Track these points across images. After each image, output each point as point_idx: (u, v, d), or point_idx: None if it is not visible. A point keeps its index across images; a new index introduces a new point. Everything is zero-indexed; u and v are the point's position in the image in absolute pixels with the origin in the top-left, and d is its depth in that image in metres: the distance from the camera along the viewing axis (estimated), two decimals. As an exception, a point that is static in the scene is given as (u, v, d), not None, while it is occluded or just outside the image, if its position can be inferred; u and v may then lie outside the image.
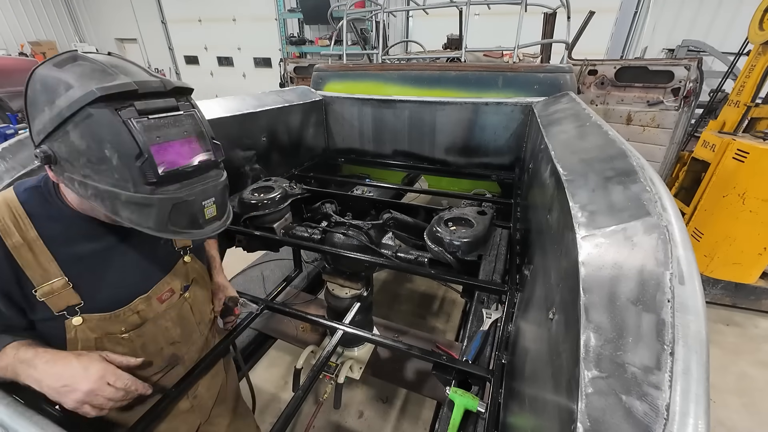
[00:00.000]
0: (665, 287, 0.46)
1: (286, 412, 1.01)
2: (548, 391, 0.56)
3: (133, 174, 0.64)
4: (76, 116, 0.61)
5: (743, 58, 3.24)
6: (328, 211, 1.93)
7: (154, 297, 0.89)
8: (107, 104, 0.62)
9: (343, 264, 1.65)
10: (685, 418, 0.36)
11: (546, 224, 0.95)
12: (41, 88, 0.64)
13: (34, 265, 0.72)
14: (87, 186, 0.65)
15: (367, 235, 1.59)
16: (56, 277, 0.74)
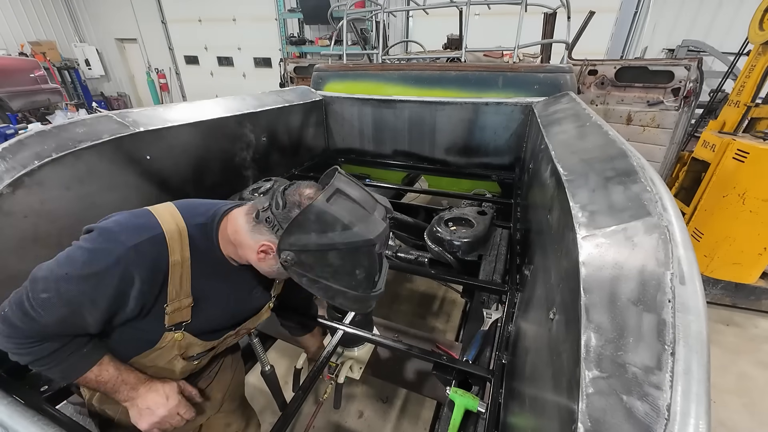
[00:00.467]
0: (666, 287, 0.46)
1: (285, 411, 1.01)
2: (549, 392, 0.56)
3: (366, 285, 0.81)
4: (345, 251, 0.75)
5: (743, 58, 3.24)
6: None
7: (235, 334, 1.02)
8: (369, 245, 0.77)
9: None
10: (686, 419, 0.36)
11: (546, 224, 0.95)
12: (315, 218, 0.74)
13: (176, 282, 0.81)
14: (317, 282, 0.78)
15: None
16: (187, 297, 0.84)
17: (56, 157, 1.10)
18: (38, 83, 6.75)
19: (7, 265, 1.02)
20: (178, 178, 1.58)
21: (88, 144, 1.19)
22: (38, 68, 6.87)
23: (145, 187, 1.41)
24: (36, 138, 1.11)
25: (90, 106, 9.19)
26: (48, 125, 1.17)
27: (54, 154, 1.10)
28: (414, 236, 1.96)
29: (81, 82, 9.86)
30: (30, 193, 1.05)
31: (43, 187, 1.08)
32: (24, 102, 6.52)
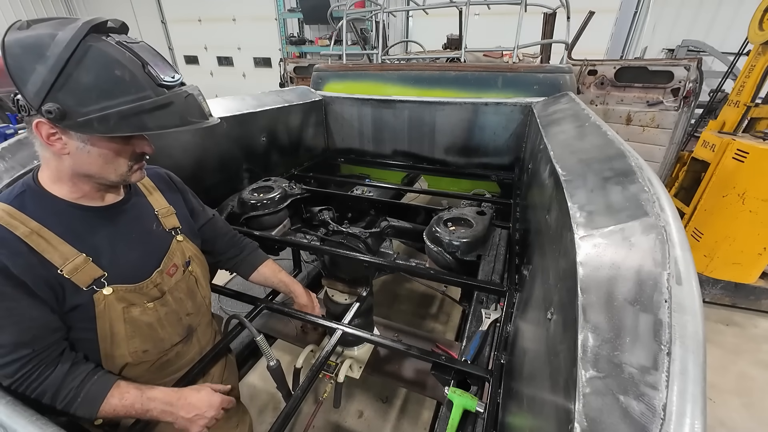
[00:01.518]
0: (663, 287, 0.47)
1: (285, 411, 1.01)
2: (546, 391, 0.56)
3: (146, 83, 0.72)
4: (76, 54, 0.66)
5: (743, 58, 3.24)
6: (326, 218, 1.94)
7: (164, 271, 0.97)
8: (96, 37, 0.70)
9: (341, 271, 1.65)
10: (681, 418, 0.36)
11: (545, 224, 0.95)
12: (22, 50, 0.66)
13: (49, 248, 0.76)
14: (108, 117, 0.69)
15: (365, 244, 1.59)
16: (74, 255, 0.79)
17: (56, 157, 1.10)
18: (38, 83, 6.75)
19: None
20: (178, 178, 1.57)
21: (87, 144, 1.19)
22: (38, 68, 6.87)
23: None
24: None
25: (90, 106, 9.18)
26: (47, 125, 1.17)
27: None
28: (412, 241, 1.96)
29: (81, 82, 9.86)
30: (29, 193, 1.05)
31: (42, 187, 1.08)
32: (24, 102, 6.52)
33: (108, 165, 0.79)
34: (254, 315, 1.36)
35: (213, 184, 1.93)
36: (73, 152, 0.74)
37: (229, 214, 1.88)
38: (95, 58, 0.68)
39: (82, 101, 0.68)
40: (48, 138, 0.72)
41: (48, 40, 0.66)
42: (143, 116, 0.72)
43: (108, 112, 0.69)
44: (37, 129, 0.71)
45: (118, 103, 0.70)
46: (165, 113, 0.75)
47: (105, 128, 0.70)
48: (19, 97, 0.70)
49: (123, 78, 0.70)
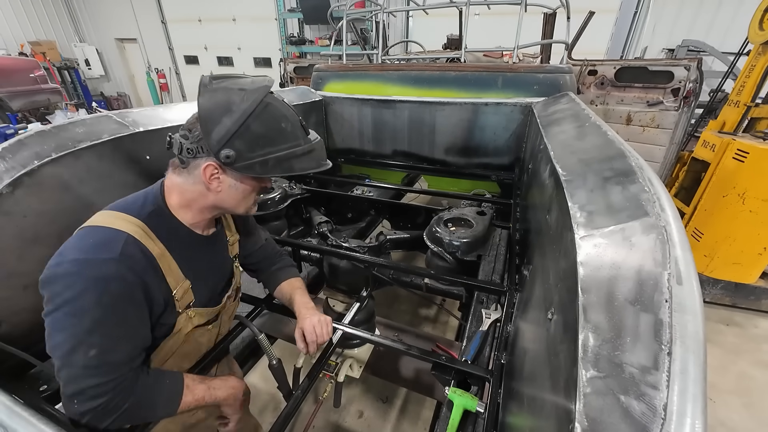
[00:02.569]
0: (663, 287, 0.47)
1: (285, 411, 1.01)
2: (547, 391, 0.56)
3: (300, 133, 0.88)
4: (256, 110, 0.79)
5: (743, 58, 3.24)
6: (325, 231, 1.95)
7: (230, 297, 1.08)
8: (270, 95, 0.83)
9: (340, 282, 1.66)
10: (682, 418, 0.36)
11: (545, 224, 0.95)
12: (213, 105, 0.79)
13: (169, 271, 0.85)
14: (268, 161, 0.82)
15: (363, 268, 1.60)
16: (183, 281, 0.88)
17: (56, 157, 1.10)
18: (38, 83, 6.76)
19: (7, 265, 1.02)
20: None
21: (87, 144, 1.19)
22: (38, 68, 6.88)
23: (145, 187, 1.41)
24: (36, 138, 1.11)
25: (90, 106, 9.19)
26: (48, 125, 1.17)
27: (54, 154, 1.10)
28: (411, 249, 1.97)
29: (81, 82, 9.86)
30: (30, 193, 1.05)
31: (42, 187, 1.08)
32: (24, 102, 6.53)
33: (243, 200, 0.91)
34: (255, 315, 1.37)
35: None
36: (224, 189, 0.86)
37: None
38: (270, 112, 0.82)
39: (251, 148, 0.80)
40: (210, 177, 0.83)
41: (236, 98, 0.79)
42: (293, 160, 0.86)
43: (269, 157, 0.82)
44: (205, 170, 0.82)
45: (278, 149, 0.83)
46: (308, 158, 0.89)
47: (263, 170, 0.83)
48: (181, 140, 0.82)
49: (286, 129, 0.85)
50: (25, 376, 1.09)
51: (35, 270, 1.08)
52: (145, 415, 0.81)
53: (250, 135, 0.79)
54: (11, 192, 1.01)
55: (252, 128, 0.79)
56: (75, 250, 0.74)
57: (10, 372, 1.06)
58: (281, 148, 0.83)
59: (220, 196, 0.87)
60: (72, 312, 0.71)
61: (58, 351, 0.72)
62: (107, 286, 0.73)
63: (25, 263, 1.06)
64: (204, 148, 0.80)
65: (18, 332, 1.07)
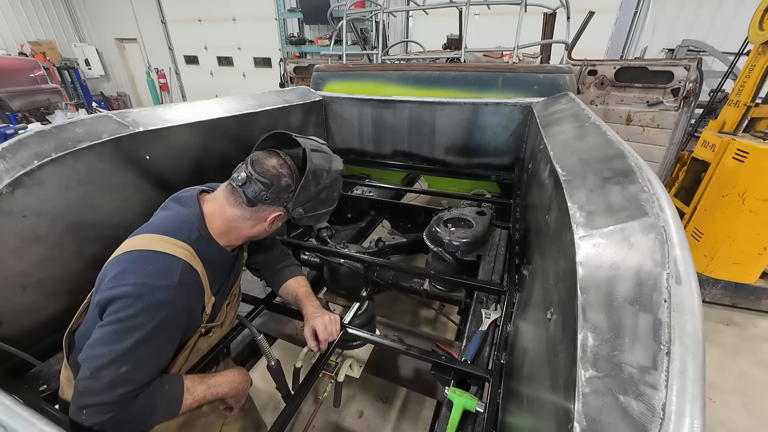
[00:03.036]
0: (662, 287, 0.47)
1: (285, 411, 1.01)
2: (546, 391, 0.56)
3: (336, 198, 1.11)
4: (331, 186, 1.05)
5: (743, 58, 3.24)
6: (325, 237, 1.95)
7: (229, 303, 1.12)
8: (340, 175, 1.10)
9: (341, 286, 1.66)
10: (681, 418, 0.36)
11: (545, 224, 0.95)
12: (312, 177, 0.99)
13: (206, 290, 0.92)
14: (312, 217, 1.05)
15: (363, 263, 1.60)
16: (210, 298, 0.95)
17: (56, 157, 1.10)
18: (38, 83, 6.76)
19: (7, 265, 1.02)
20: (178, 178, 1.58)
21: (87, 144, 1.19)
22: (38, 68, 6.88)
23: (145, 187, 1.41)
24: (36, 138, 1.11)
25: (90, 106, 9.19)
26: (48, 125, 1.17)
27: (53, 154, 1.10)
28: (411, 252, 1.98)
29: (81, 82, 9.86)
30: (30, 192, 1.05)
31: (42, 187, 1.08)
32: (24, 102, 6.53)
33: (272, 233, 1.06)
34: (255, 315, 1.37)
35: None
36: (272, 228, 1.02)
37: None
38: (335, 186, 1.08)
39: (313, 207, 1.03)
40: (272, 221, 0.99)
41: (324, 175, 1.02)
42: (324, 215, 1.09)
43: (315, 214, 1.06)
44: (271, 217, 0.98)
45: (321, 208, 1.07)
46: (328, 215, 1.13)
47: (306, 220, 1.04)
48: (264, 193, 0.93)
49: (335, 198, 1.11)
50: (25, 376, 1.10)
51: (35, 270, 1.09)
52: (147, 422, 0.83)
53: (318, 201, 1.03)
54: (11, 192, 1.01)
55: (321, 197, 1.04)
56: (136, 275, 0.80)
57: (10, 372, 1.06)
58: (322, 208, 1.07)
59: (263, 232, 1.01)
60: (121, 330, 0.76)
61: (94, 363, 0.75)
62: (160, 312, 0.79)
63: (25, 263, 1.06)
64: (281, 201, 0.96)
65: (18, 332, 1.07)
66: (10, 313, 1.05)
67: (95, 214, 1.22)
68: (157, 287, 0.79)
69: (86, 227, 1.20)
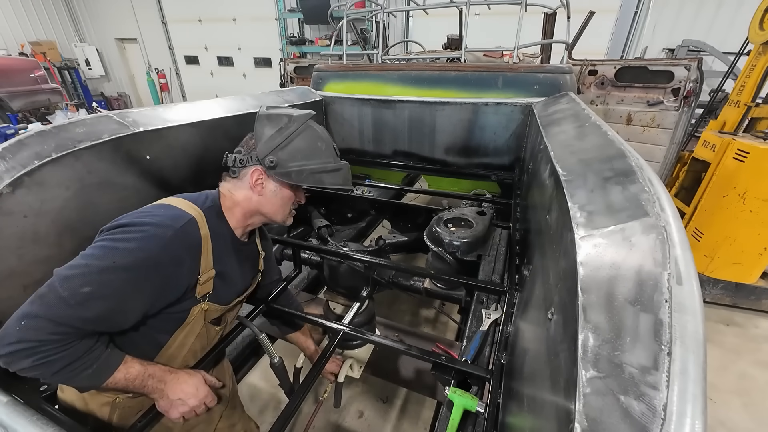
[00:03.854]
0: (663, 287, 0.46)
1: (285, 411, 1.01)
2: (546, 391, 0.56)
3: (331, 154, 1.07)
4: (299, 129, 1.01)
5: (743, 58, 3.24)
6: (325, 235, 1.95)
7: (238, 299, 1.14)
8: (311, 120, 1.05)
9: (341, 285, 1.66)
10: (682, 418, 0.36)
11: (545, 224, 0.95)
12: (268, 121, 1.01)
13: (205, 256, 0.92)
14: (303, 171, 1.00)
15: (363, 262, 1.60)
16: (210, 269, 0.94)
17: (56, 157, 1.10)
18: (38, 83, 6.76)
19: (7, 265, 1.02)
20: (178, 178, 1.58)
21: (87, 144, 1.19)
22: (38, 68, 6.88)
23: (145, 187, 1.41)
24: (36, 138, 1.11)
25: (90, 106, 9.19)
26: (48, 125, 1.17)
27: (54, 154, 1.10)
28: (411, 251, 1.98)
29: (81, 82, 9.86)
30: (30, 193, 1.05)
31: (42, 187, 1.08)
32: (24, 102, 6.53)
33: (281, 207, 1.06)
34: (255, 315, 1.37)
35: (213, 184, 1.92)
36: (265, 194, 1.01)
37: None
38: (309, 134, 1.03)
39: (291, 159, 0.99)
40: (255, 181, 0.99)
41: (285, 119, 1.01)
42: (323, 175, 1.03)
43: (304, 168, 1.00)
44: (252, 174, 0.99)
45: (312, 163, 1.01)
46: (336, 175, 1.07)
47: (298, 178, 1.00)
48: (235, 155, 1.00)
49: (320, 148, 1.04)
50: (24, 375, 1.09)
51: (35, 270, 1.09)
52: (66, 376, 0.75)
53: (291, 148, 0.99)
54: (11, 192, 1.01)
55: (293, 143, 0.99)
56: (144, 213, 0.85)
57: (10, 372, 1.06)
58: (315, 163, 1.01)
59: (262, 200, 1.02)
60: (107, 247, 0.77)
61: (62, 272, 0.73)
62: (150, 246, 0.78)
63: (25, 263, 1.06)
64: (253, 158, 0.98)
65: (18, 332, 1.07)
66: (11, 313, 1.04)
67: (95, 214, 1.22)
68: (161, 224, 0.82)
69: (86, 227, 1.20)
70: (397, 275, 1.67)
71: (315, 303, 2.05)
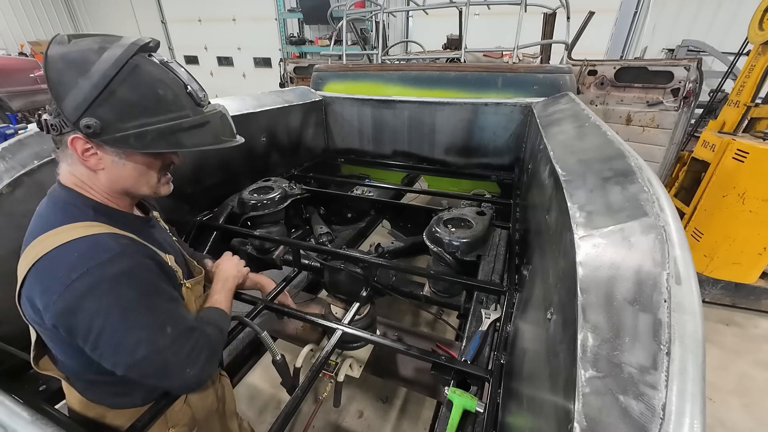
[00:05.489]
0: (662, 287, 0.47)
1: (285, 411, 1.01)
2: (546, 391, 0.56)
3: (186, 102, 0.76)
4: (122, 71, 0.67)
5: (743, 58, 3.24)
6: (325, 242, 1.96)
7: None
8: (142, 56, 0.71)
9: (341, 291, 1.67)
10: (681, 418, 0.36)
11: (545, 224, 0.95)
12: (65, 65, 0.66)
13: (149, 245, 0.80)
14: (146, 134, 0.70)
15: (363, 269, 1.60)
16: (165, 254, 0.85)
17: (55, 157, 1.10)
18: (38, 83, 6.75)
19: (6, 265, 1.02)
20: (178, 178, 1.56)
21: (87, 144, 1.19)
22: (38, 68, 6.87)
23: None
24: (36, 138, 1.11)
25: (90, 106, 9.17)
26: (47, 125, 1.17)
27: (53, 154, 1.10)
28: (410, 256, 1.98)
29: (81, 82, 9.85)
30: (30, 192, 1.05)
31: (42, 186, 1.07)
32: (24, 102, 6.53)
33: (141, 177, 0.79)
34: (255, 314, 1.37)
35: (213, 184, 1.93)
36: (107, 167, 0.74)
37: (229, 215, 1.88)
38: (141, 76, 0.70)
39: (121, 117, 0.69)
40: (83, 153, 0.71)
41: (94, 57, 0.67)
42: (180, 134, 0.74)
43: (146, 129, 0.70)
44: (72, 145, 0.70)
45: (158, 120, 0.71)
46: (201, 132, 0.78)
47: (141, 144, 0.71)
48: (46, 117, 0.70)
49: (165, 97, 0.72)
50: (24, 376, 1.10)
51: (35, 270, 1.08)
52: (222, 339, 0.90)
53: (117, 101, 0.67)
54: (11, 192, 1.01)
55: (118, 93, 0.67)
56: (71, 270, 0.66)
57: (10, 372, 1.06)
58: (162, 119, 0.71)
59: (108, 175, 0.75)
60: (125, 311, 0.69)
61: (141, 350, 0.70)
62: (134, 274, 0.71)
63: (25, 263, 1.06)
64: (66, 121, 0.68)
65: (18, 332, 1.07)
66: (10, 313, 1.04)
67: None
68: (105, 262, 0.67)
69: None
70: (396, 281, 1.68)
71: (314, 303, 2.05)
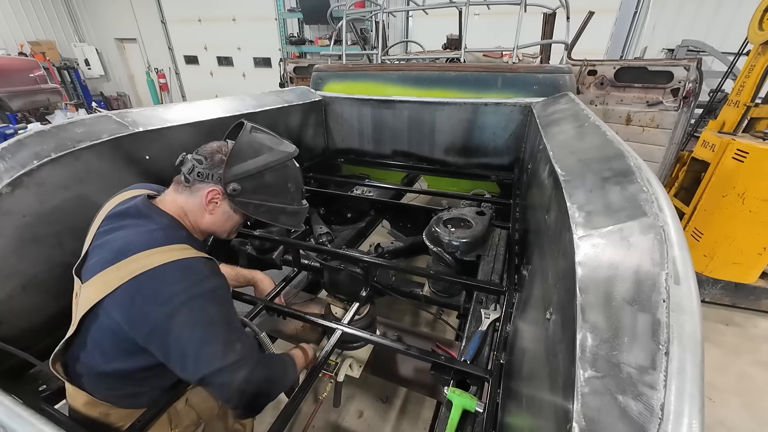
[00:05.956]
0: (661, 287, 0.47)
1: (285, 411, 1.01)
2: (545, 391, 0.56)
3: (296, 197, 1.05)
4: (276, 166, 0.96)
5: (743, 58, 3.24)
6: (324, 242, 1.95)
7: None
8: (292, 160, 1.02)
9: (341, 291, 1.67)
10: (679, 418, 0.37)
11: (544, 224, 0.95)
12: (247, 147, 0.94)
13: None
14: (261, 206, 0.97)
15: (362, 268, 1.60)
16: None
17: (55, 157, 1.10)
18: (38, 83, 6.76)
19: (7, 265, 1.02)
20: (178, 178, 1.58)
21: (87, 144, 1.19)
22: (38, 68, 6.88)
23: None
24: (35, 138, 1.11)
25: (89, 106, 9.18)
26: (47, 125, 1.18)
27: (53, 154, 1.10)
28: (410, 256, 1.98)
29: (81, 81, 9.85)
30: (29, 193, 1.05)
31: (42, 187, 1.08)
32: (23, 102, 6.53)
33: (228, 227, 1.01)
34: (254, 315, 1.37)
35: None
36: (217, 214, 0.95)
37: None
38: (284, 172, 0.99)
39: (255, 191, 0.94)
40: (209, 200, 0.92)
41: (266, 149, 0.96)
42: (281, 214, 1.01)
43: (264, 203, 0.97)
44: (209, 192, 0.91)
45: (275, 200, 0.99)
46: (293, 217, 1.05)
47: (255, 212, 0.96)
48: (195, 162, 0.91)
49: (289, 190, 1.01)
50: (24, 376, 1.10)
51: (35, 270, 1.09)
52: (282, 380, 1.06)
53: (260, 181, 0.94)
54: (11, 192, 1.01)
55: (264, 177, 0.94)
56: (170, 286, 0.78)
57: (10, 372, 1.06)
58: (277, 200, 0.99)
59: (212, 219, 0.95)
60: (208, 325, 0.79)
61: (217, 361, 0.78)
62: (216, 294, 0.83)
63: (25, 263, 1.06)
64: (215, 176, 0.90)
65: (18, 332, 1.07)
66: (10, 313, 1.05)
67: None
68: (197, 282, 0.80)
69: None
70: (396, 281, 1.68)
71: (314, 303, 2.05)
